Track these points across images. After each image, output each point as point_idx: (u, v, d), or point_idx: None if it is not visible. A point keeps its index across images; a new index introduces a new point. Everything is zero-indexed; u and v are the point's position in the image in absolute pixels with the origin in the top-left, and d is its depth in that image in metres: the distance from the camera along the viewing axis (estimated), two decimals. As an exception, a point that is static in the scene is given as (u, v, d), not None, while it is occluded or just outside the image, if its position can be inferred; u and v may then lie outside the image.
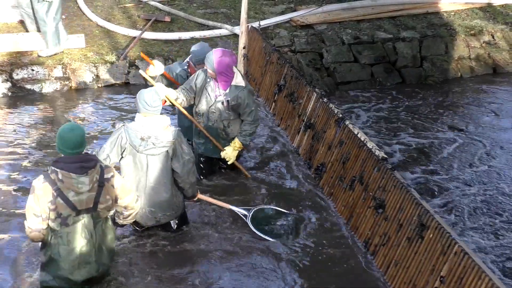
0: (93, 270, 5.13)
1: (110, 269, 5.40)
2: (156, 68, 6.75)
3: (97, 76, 9.75)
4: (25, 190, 6.62)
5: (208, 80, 6.58)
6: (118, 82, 9.78)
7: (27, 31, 9.88)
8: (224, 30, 10.80)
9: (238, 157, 6.99)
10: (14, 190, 6.80)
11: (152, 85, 6.37)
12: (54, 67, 9.60)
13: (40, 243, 5.13)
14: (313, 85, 8.02)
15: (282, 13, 11.63)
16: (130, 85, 9.72)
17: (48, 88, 9.46)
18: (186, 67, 7.15)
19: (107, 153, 5.55)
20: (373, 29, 11.22)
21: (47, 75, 9.54)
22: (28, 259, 5.73)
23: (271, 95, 8.80)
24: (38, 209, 4.81)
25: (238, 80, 6.56)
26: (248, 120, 6.69)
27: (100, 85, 9.73)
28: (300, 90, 7.93)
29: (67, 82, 9.60)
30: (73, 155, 4.84)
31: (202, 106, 6.70)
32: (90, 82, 9.70)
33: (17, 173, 7.12)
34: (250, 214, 6.26)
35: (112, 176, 5.06)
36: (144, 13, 11.35)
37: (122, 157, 5.59)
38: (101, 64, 9.80)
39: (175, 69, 7.14)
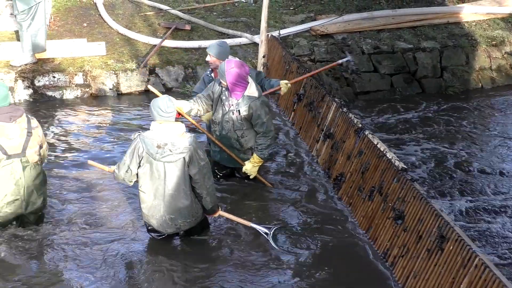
0: (21, 207, 5.92)
1: (42, 208, 6.16)
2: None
3: (117, 83, 9.81)
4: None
5: (223, 89, 6.61)
6: (138, 89, 9.83)
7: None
8: (244, 38, 10.83)
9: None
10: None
11: None
12: (75, 74, 9.68)
13: None
14: (332, 95, 8.00)
15: (302, 22, 11.63)
16: (150, 93, 9.70)
17: (69, 95, 9.54)
18: (209, 71, 7.24)
19: (127, 165, 5.61)
20: (393, 39, 11.18)
21: (68, 82, 9.62)
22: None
23: (290, 104, 8.79)
24: None
25: (252, 90, 6.58)
26: (260, 132, 6.69)
27: (120, 93, 9.79)
28: (320, 100, 7.91)
29: (87, 89, 9.67)
30: (4, 107, 5.73)
31: (218, 115, 6.74)
32: (110, 89, 9.76)
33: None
34: (271, 232, 6.21)
35: (37, 127, 5.94)
36: (164, 21, 11.41)
37: (139, 166, 5.61)
38: (122, 71, 9.86)
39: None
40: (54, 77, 9.57)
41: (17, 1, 9.06)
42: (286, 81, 7.28)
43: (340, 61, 8.13)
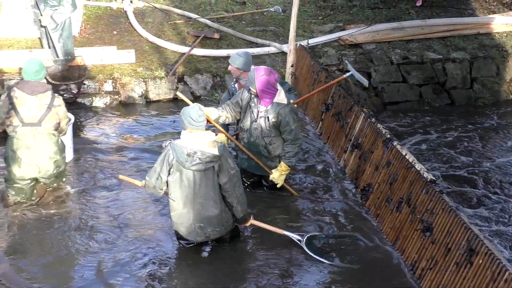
0: (35, 171, 6.56)
1: (55, 176, 6.77)
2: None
3: (146, 91, 9.87)
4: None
5: (252, 96, 6.64)
6: (166, 97, 9.88)
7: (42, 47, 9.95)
8: (273, 48, 10.85)
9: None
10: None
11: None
12: (105, 82, 9.76)
13: None
14: (360, 105, 7.96)
15: (331, 31, 11.62)
16: (178, 101, 9.76)
17: (98, 102, 9.62)
18: (234, 82, 7.28)
19: (158, 172, 5.64)
20: (423, 49, 11.11)
21: (97, 89, 9.71)
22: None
23: (318, 114, 8.77)
24: (0, 115, 6.42)
25: (281, 97, 6.60)
26: (288, 139, 6.68)
27: (148, 100, 9.85)
28: (348, 110, 7.87)
29: (116, 97, 9.75)
30: (31, 81, 6.43)
31: (246, 122, 6.75)
32: (139, 97, 9.83)
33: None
34: (304, 239, 6.22)
35: (59, 105, 6.56)
36: (193, 29, 11.48)
37: (169, 173, 5.64)
38: (150, 79, 9.93)
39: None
40: (84, 84, 9.65)
41: (54, 16, 9.27)
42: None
43: (345, 76, 8.05)
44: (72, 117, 7.59)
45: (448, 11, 12.75)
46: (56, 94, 6.62)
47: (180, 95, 7.04)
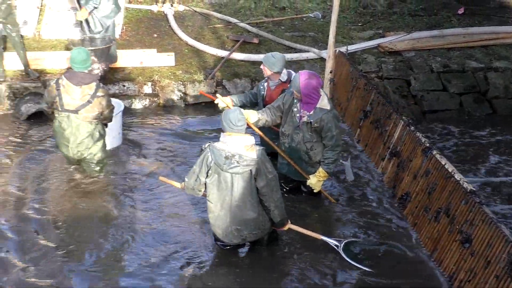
0: (70, 152, 7.10)
1: (91, 160, 7.23)
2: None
3: (185, 94, 9.95)
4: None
5: (295, 101, 6.62)
6: (205, 100, 9.92)
7: None
8: (311, 53, 10.82)
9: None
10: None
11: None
12: (144, 84, 9.87)
13: None
14: (399, 113, 7.88)
15: (370, 38, 11.55)
16: (217, 104, 9.84)
17: (137, 104, 9.73)
18: (265, 80, 7.36)
19: (197, 174, 5.68)
20: (464, 57, 10.96)
21: (137, 91, 9.82)
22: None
23: (356, 120, 8.72)
24: (49, 99, 6.99)
25: (324, 102, 6.56)
26: (329, 145, 6.64)
27: (187, 103, 9.92)
28: (387, 117, 7.81)
29: (155, 99, 9.84)
30: (77, 72, 6.84)
31: (288, 127, 6.73)
32: (177, 99, 9.91)
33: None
34: (342, 245, 6.19)
35: (102, 96, 6.95)
36: (232, 34, 11.53)
37: (207, 175, 5.67)
38: (189, 82, 10.00)
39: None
40: (124, 86, 9.78)
41: (96, 21, 9.42)
42: None
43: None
44: (122, 105, 8.23)
45: (491, 20, 12.57)
46: (101, 85, 7.02)
47: (219, 97, 7.09)
